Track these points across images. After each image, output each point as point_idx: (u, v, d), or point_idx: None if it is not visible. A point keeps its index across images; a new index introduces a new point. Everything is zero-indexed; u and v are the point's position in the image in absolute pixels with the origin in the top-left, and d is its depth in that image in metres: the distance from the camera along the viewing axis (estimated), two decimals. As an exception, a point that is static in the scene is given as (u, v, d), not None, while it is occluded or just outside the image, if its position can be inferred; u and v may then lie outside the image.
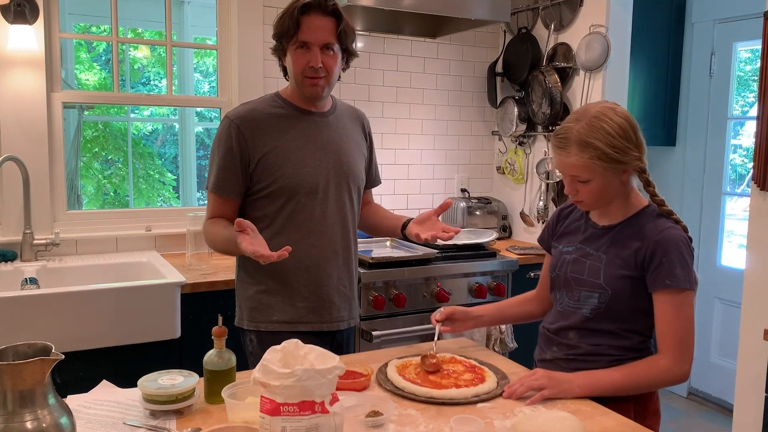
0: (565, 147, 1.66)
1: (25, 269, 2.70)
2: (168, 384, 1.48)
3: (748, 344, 2.73)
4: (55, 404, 1.19)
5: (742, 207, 4.16)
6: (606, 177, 1.66)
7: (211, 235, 2.03)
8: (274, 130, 2.01)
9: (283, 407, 1.21)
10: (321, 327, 2.07)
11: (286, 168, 1.99)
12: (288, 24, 1.94)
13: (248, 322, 2.07)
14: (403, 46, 3.70)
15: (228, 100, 3.30)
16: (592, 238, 1.78)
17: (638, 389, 1.67)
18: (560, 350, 1.80)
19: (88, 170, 5.98)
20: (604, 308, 1.71)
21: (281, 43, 2.00)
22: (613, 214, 1.76)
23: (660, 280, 1.63)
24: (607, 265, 1.71)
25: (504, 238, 3.82)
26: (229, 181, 1.99)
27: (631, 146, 1.65)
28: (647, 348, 1.75)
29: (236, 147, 1.98)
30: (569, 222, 1.89)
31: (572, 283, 1.78)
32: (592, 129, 1.63)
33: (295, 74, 1.99)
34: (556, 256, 1.87)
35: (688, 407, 4.16)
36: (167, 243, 3.15)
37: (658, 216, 1.71)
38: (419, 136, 3.82)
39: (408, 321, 2.92)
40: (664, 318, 1.64)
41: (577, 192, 1.71)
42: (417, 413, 1.54)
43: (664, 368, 1.63)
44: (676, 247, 1.63)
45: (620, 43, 3.35)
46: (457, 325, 1.96)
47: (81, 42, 5.96)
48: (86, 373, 1.98)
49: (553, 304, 1.88)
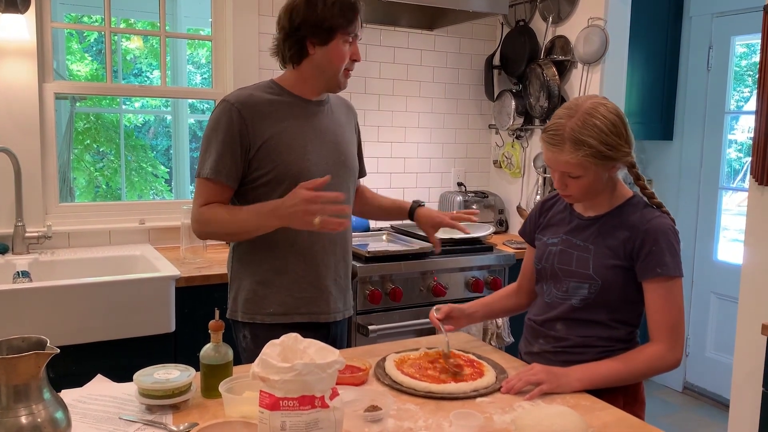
0: (557, 144, 1.64)
1: (17, 262, 2.67)
2: (164, 378, 1.46)
3: (744, 339, 2.73)
4: (50, 399, 1.18)
5: (737, 202, 4.16)
6: (597, 173, 1.66)
7: (216, 219, 1.91)
8: (274, 116, 1.96)
9: (282, 402, 1.20)
10: (318, 318, 2.04)
11: (288, 155, 1.94)
12: (344, 11, 1.91)
13: (243, 314, 2.03)
14: (400, 38, 3.67)
15: (222, 92, 3.26)
16: (578, 229, 1.78)
17: (635, 378, 1.69)
18: (547, 343, 1.80)
19: (80, 162, 5.93)
20: (594, 298, 1.71)
21: (329, 31, 1.92)
22: (598, 205, 1.76)
23: (651, 269, 1.64)
24: (596, 256, 1.71)
25: (501, 232, 3.81)
26: (227, 166, 1.91)
27: (622, 142, 1.65)
28: (634, 338, 1.76)
29: (237, 131, 1.91)
30: (552, 214, 1.89)
31: (560, 275, 1.77)
32: (585, 126, 1.62)
33: (336, 67, 1.96)
34: (540, 248, 1.86)
35: (684, 402, 4.16)
36: (161, 236, 3.13)
37: (645, 206, 1.72)
38: (416, 129, 3.80)
39: (404, 315, 2.90)
40: (655, 306, 1.66)
41: (566, 186, 1.71)
42: (416, 408, 1.53)
43: (659, 355, 1.64)
44: (665, 236, 1.65)
45: (618, 36, 3.34)
46: (452, 323, 1.96)
47: (72, 32, 5.90)
48: (79, 368, 1.96)
49: (538, 295, 1.88)
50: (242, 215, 1.90)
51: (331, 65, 1.96)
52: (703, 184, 4.22)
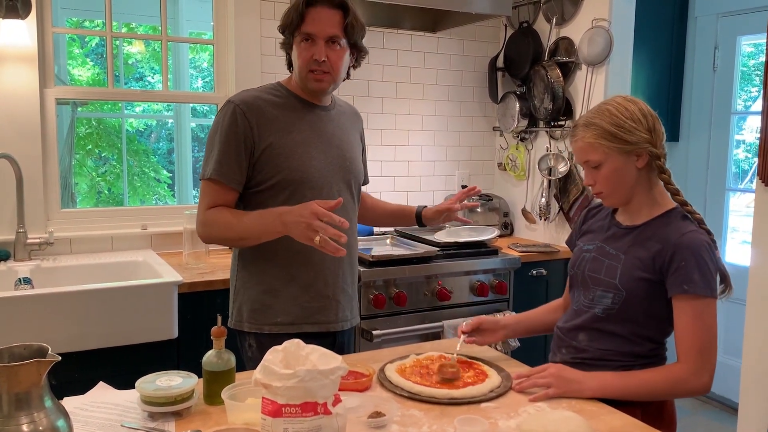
0: (574, 135, 1.71)
1: (19, 269, 2.65)
2: (166, 385, 1.45)
3: (753, 342, 2.70)
4: (51, 407, 1.17)
5: (746, 203, 4.12)
6: (616, 159, 1.64)
7: (221, 223, 1.89)
8: (279, 119, 1.94)
9: (285, 408, 1.19)
10: (327, 327, 2.02)
11: (292, 160, 1.92)
12: (293, 16, 1.90)
13: (249, 324, 1.99)
14: (403, 40, 3.66)
15: (224, 96, 3.25)
16: (614, 238, 1.75)
17: (652, 397, 1.63)
18: (568, 353, 1.77)
19: (81, 168, 5.92)
20: (617, 310, 1.67)
21: (287, 35, 1.95)
22: (637, 213, 1.72)
23: (677, 285, 1.59)
24: (625, 266, 1.67)
25: (506, 236, 3.79)
26: (232, 168, 1.89)
27: (639, 127, 1.63)
28: (659, 355, 1.71)
29: (241, 133, 1.89)
30: (594, 221, 1.87)
31: (589, 282, 1.75)
32: (597, 111, 1.68)
33: (299, 68, 1.94)
34: (576, 254, 1.83)
35: (693, 406, 4.13)
36: (163, 241, 3.11)
37: (683, 218, 1.67)
38: (419, 132, 3.78)
39: (409, 320, 2.88)
40: (683, 325, 1.60)
41: (594, 182, 1.70)
42: (420, 414, 1.51)
43: (681, 378, 1.59)
44: (696, 252, 1.59)
45: (623, 37, 3.31)
46: (486, 336, 1.88)
47: (73, 37, 5.90)
48: (81, 375, 1.95)
49: (570, 302, 1.85)
50: (247, 219, 1.88)
51: (297, 68, 1.96)
52: (709, 185, 4.20)
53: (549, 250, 3.37)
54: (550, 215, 3.60)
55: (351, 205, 2.08)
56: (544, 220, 3.63)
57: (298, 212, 1.75)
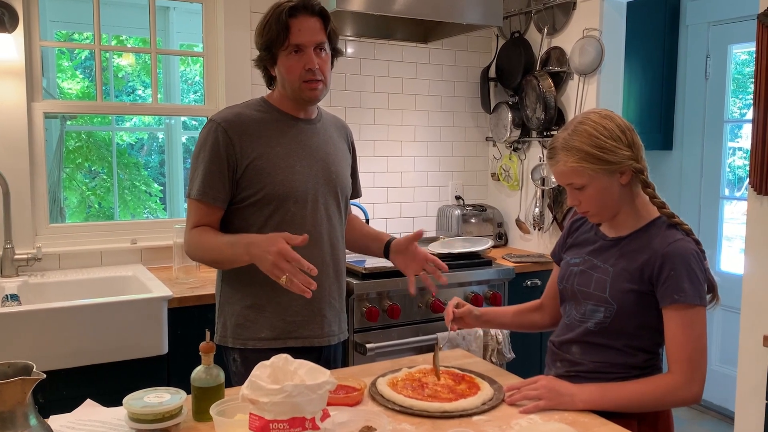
0: (553, 156, 1.67)
1: (6, 285, 2.62)
2: (155, 402, 1.43)
3: (747, 351, 2.70)
4: (36, 425, 1.17)
5: (741, 211, 4.12)
6: (600, 180, 1.62)
7: (200, 245, 1.91)
8: (262, 135, 1.93)
9: (272, 424, 1.18)
10: (312, 342, 1.99)
11: (275, 175, 1.91)
12: (276, 29, 1.87)
13: (233, 339, 1.98)
14: (395, 51, 3.65)
15: (215, 109, 3.23)
16: (601, 250, 1.73)
17: (644, 408, 1.61)
18: (563, 366, 1.75)
19: (71, 182, 5.87)
20: (609, 323, 1.66)
21: (270, 51, 1.92)
22: (622, 225, 1.71)
23: (668, 295, 1.58)
24: (614, 279, 1.66)
25: (500, 246, 3.77)
26: (215, 187, 1.89)
27: (620, 145, 1.62)
28: (653, 366, 1.69)
29: (223, 151, 1.89)
30: (579, 233, 1.85)
31: (579, 296, 1.73)
32: (575, 133, 1.64)
33: (291, 81, 1.92)
34: (563, 268, 1.82)
35: (690, 415, 4.11)
36: (153, 256, 3.08)
37: (668, 227, 1.65)
38: (412, 143, 3.77)
39: (403, 333, 2.86)
40: (672, 335, 1.58)
41: (579, 202, 1.68)
42: (412, 428, 1.49)
43: (671, 388, 1.57)
44: (685, 260, 1.58)
45: (614, 46, 3.32)
46: (460, 323, 1.94)
47: (63, 50, 5.89)
48: (70, 392, 1.92)
49: (562, 316, 1.83)
50: (221, 244, 1.88)
51: (286, 80, 1.93)
52: (703, 194, 4.20)
53: (543, 260, 3.35)
54: (544, 225, 3.59)
55: (337, 217, 2.06)
56: (538, 230, 3.62)
57: (265, 247, 1.73)
